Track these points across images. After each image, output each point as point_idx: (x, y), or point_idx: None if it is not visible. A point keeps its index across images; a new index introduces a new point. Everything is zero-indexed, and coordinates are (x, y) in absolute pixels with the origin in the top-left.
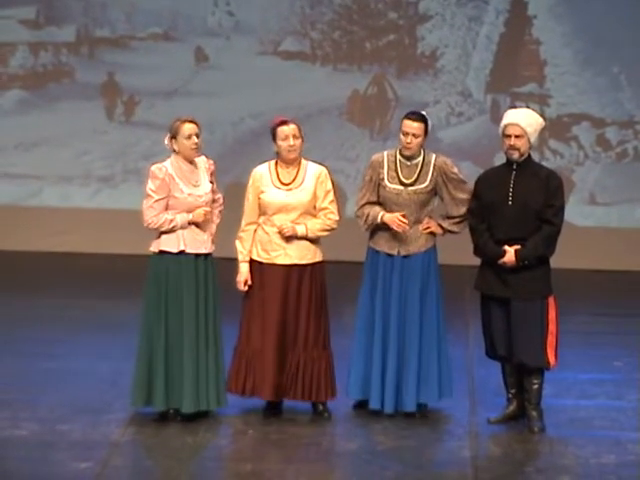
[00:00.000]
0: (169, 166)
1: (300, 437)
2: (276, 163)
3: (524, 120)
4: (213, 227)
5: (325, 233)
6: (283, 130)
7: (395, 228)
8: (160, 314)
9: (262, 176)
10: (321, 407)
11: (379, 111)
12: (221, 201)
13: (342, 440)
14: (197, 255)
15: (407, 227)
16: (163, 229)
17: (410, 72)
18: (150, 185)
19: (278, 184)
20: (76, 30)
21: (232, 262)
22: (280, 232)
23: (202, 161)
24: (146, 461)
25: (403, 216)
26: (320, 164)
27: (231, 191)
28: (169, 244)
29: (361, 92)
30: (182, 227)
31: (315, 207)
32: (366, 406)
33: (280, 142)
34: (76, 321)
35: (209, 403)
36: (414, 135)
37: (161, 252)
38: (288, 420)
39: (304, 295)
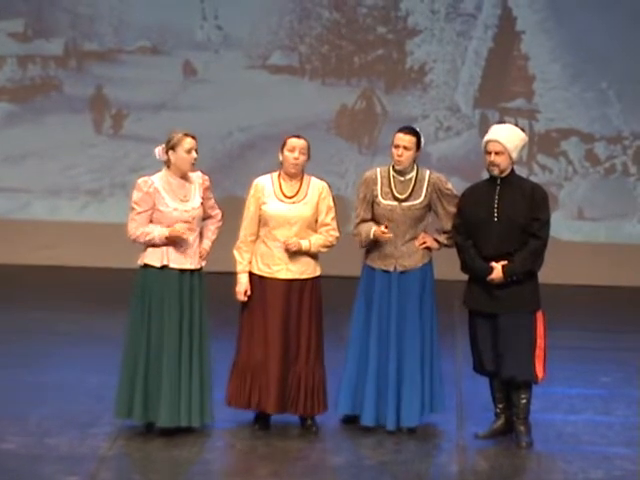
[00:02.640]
0: (157, 179)
1: (288, 451)
2: (279, 175)
3: (505, 137)
4: (206, 242)
5: (326, 249)
6: (292, 141)
7: (382, 240)
8: (143, 327)
9: (264, 187)
10: (309, 421)
11: (367, 126)
12: (219, 217)
13: (330, 454)
14: (182, 270)
15: (390, 235)
16: (140, 242)
17: (399, 87)
18: (134, 197)
19: (281, 196)
20: (64, 43)
21: (223, 276)
22: (286, 247)
23: (196, 176)
24: (134, 475)
25: (386, 227)
26: (322, 179)
27: (218, 204)
28: (153, 258)
29: (349, 106)
30: (160, 241)
31: (317, 221)
32: (355, 421)
33: (287, 152)
34: (64, 334)
35: (190, 419)
36: (405, 148)
37: (146, 265)
38: (276, 434)
39: (304, 309)
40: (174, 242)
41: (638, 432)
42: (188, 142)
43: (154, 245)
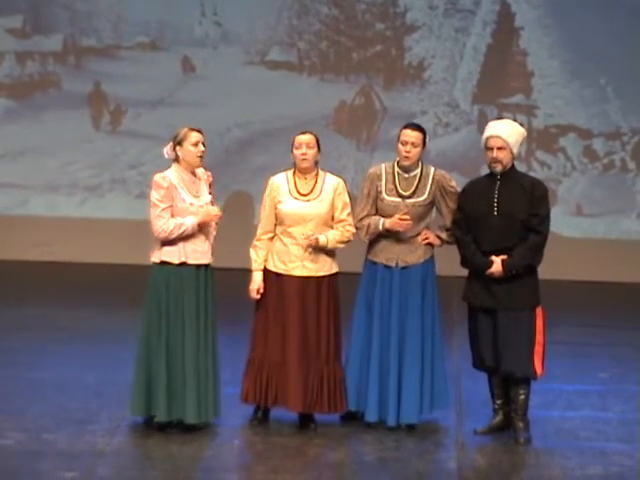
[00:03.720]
0: (171, 175)
1: (286, 447)
2: (294, 173)
3: (505, 132)
4: (211, 238)
5: (342, 245)
6: (298, 138)
7: (400, 229)
8: (160, 324)
9: (279, 186)
10: (308, 418)
11: (366, 122)
12: None
13: (328, 451)
14: (198, 266)
15: (411, 222)
16: (174, 235)
17: (397, 83)
18: (155, 195)
19: (296, 194)
20: (63, 39)
21: (228, 272)
22: (306, 240)
23: (201, 172)
24: (132, 471)
25: (404, 213)
26: (338, 176)
27: (218, 200)
28: (170, 255)
29: (348, 103)
30: (192, 229)
31: (333, 218)
32: (353, 417)
33: (295, 150)
34: (61, 331)
35: (208, 415)
36: (413, 144)
37: (162, 262)
38: (275, 430)
39: (323, 307)
40: (201, 230)
41: (636, 428)
42: (194, 136)
43: (170, 242)
